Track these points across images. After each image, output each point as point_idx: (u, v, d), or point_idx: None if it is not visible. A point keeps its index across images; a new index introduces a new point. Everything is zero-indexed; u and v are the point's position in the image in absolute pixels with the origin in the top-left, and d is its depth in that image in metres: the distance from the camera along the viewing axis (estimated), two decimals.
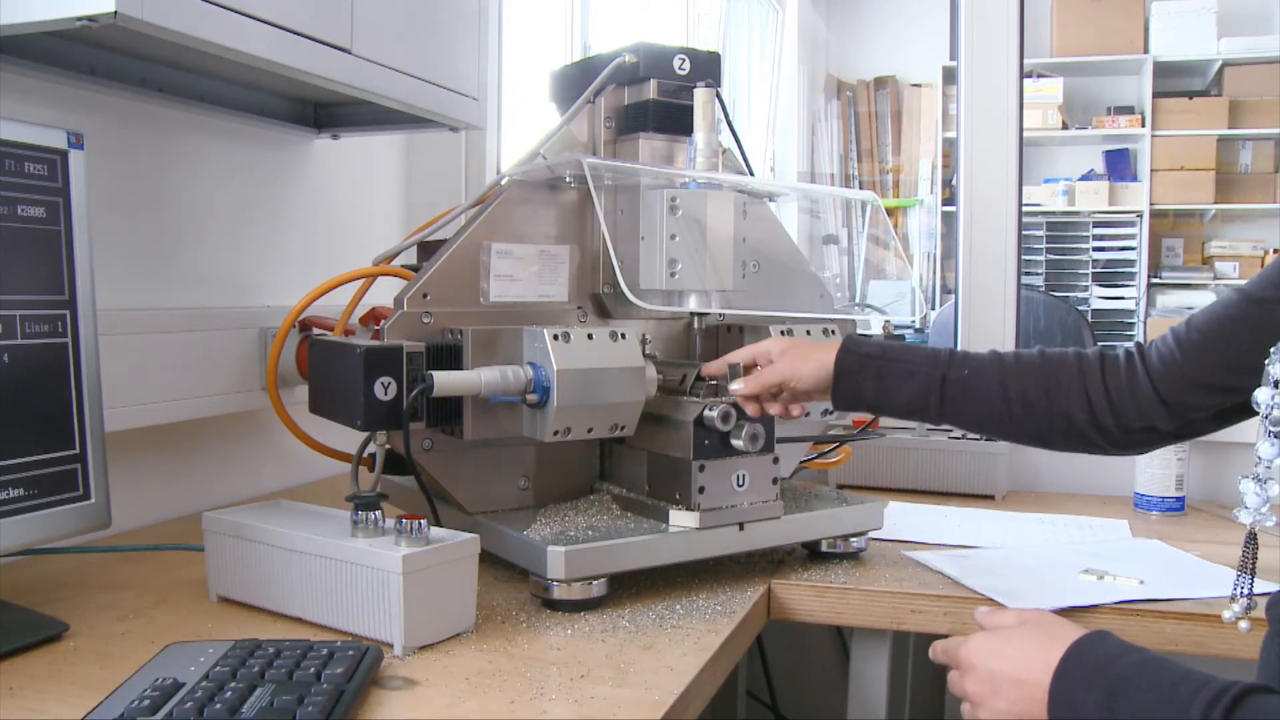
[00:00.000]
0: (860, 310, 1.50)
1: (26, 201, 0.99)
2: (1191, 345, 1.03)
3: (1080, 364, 1.09)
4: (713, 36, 3.80)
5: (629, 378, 1.11)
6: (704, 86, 1.24)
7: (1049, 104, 4.88)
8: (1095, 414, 1.07)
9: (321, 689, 0.79)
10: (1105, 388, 1.07)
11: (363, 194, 1.87)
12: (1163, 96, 4.81)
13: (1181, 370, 1.03)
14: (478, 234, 1.19)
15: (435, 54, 1.43)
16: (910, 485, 1.76)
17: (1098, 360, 1.09)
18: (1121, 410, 1.06)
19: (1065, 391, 1.08)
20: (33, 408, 0.99)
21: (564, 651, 0.96)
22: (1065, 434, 1.09)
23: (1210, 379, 1.01)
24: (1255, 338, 0.95)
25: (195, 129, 1.47)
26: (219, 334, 1.46)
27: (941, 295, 4.88)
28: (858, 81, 5.29)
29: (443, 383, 1.06)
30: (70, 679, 0.88)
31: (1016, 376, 1.10)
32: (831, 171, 5.24)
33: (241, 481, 1.58)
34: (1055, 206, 4.95)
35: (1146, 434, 1.07)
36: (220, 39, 1.06)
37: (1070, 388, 1.08)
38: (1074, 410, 1.07)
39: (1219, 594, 1.17)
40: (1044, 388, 1.08)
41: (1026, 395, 1.09)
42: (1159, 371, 1.05)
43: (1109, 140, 4.96)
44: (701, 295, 1.21)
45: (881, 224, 3.08)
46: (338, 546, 0.97)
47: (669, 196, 1.18)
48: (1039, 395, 1.08)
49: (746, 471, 1.15)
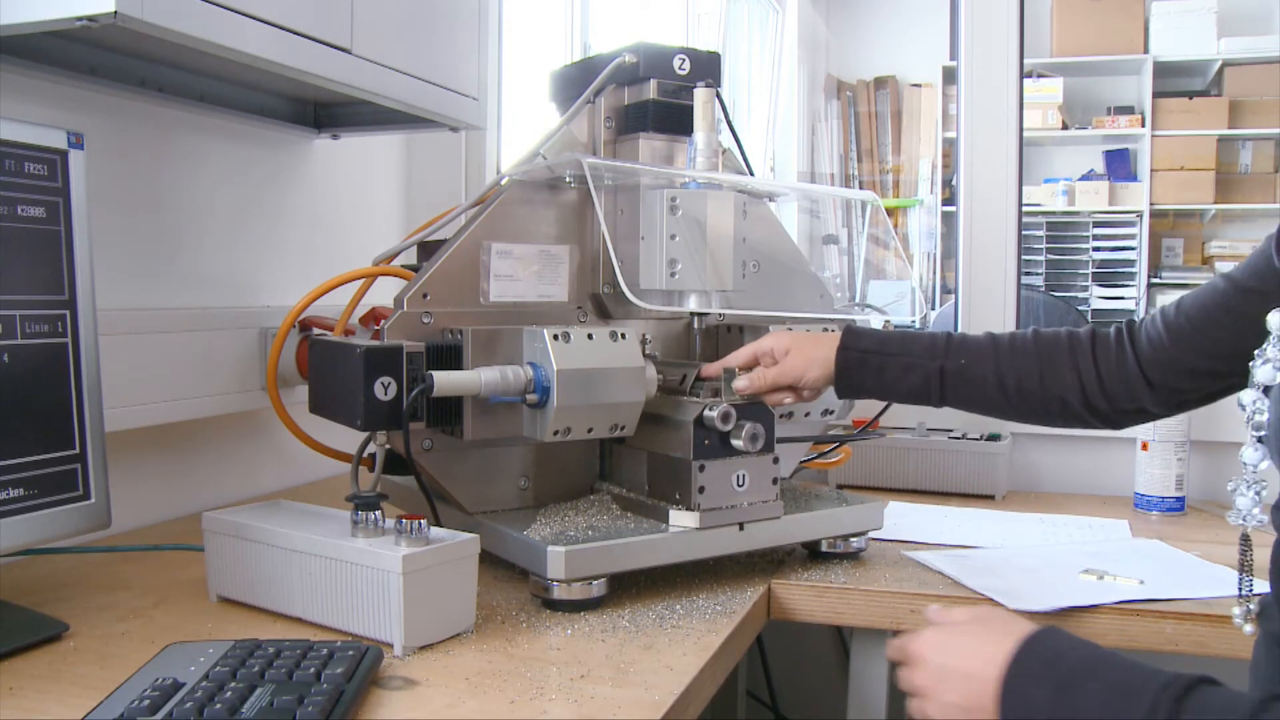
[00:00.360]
0: (860, 310, 1.50)
1: (26, 201, 0.99)
2: (1179, 331, 1.06)
3: (1073, 346, 1.12)
4: (713, 36, 3.80)
5: (629, 378, 1.11)
6: (704, 86, 1.24)
7: (1049, 104, 4.88)
8: (1088, 396, 1.11)
9: (321, 689, 0.79)
10: (1097, 371, 1.10)
11: (363, 194, 1.87)
12: (1163, 96, 4.81)
13: (1169, 354, 1.06)
14: (478, 234, 1.19)
15: (435, 54, 1.43)
16: (910, 485, 1.76)
17: (1089, 341, 1.12)
18: (1113, 394, 1.10)
19: (1059, 376, 1.11)
20: (33, 408, 0.99)
21: (564, 651, 0.96)
22: (1061, 415, 1.13)
23: (1196, 364, 1.04)
24: (1241, 326, 0.98)
25: (195, 129, 1.47)
26: (219, 334, 1.46)
27: (941, 295, 4.88)
28: (858, 81, 5.29)
29: (443, 383, 1.06)
30: (70, 679, 0.88)
31: (1011, 362, 1.13)
32: (831, 171, 5.24)
33: (241, 481, 1.58)
34: (1055, 206, 4.95)
35: (1138, 414, 1.11)
36: (220, 39, 1.06)
37: (1064, 372, 1.11)
38: (1068, 394, 1.11)
39: (1219, 594, 1.17)
40: (1038, 373, 1.12)
41: (1022, 381, 1.12)
42: (1147, 355, 1.08)
43: (1109, 140, 4.96)
44: (701, 295, 1.21)
45: (881, 224, 3.07)
46: (338, 546, 0.97)
47: (669, 196, 1.18)
48: (1033, 381, 1.12)
49: (746, 471, 1.15)
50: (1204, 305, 1.04)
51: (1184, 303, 1.06)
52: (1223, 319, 1.01)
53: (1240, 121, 4.72)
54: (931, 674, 0.81)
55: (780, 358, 1.18)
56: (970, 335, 1.17)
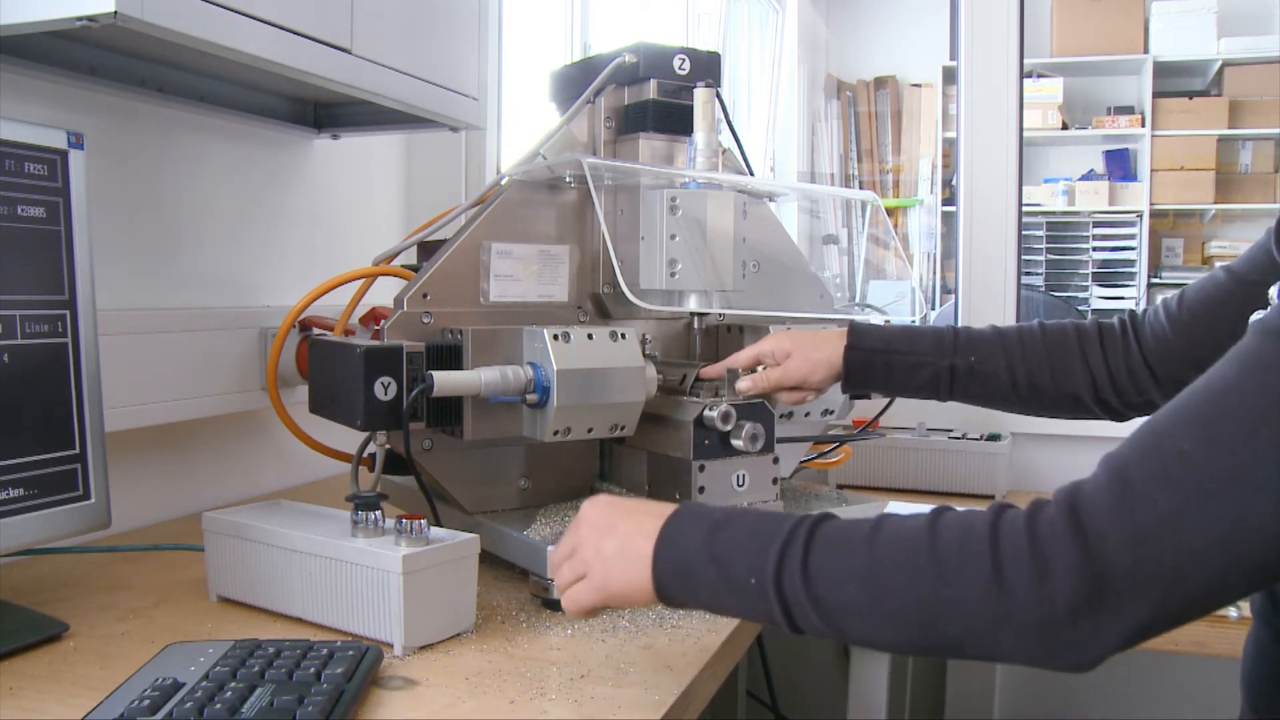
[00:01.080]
0: (860, 310, 1.50)
1: (26, 201, 0.99)
2: (1181, 324, 1.07)
3: (1081, 340, 1.13)
4: (713, 36, 3.79)
5: (629, 378, 1.11)
6: (704, 86, 1.24)
7: (1049, 104, 4.88)
8: (1098, 390, 1.12)
9: (321, 689, 0.79)
10: (1107, 365, 1.11)
11: (363, 194, 1.87)
12: (1163, 96, 4.81)
13: (1172, 346, 1.08)
14: (478, 234, 1.19)
15: (435, 54, 1.43)
16: (910, 485, 1.76)
17: (1095, 335, 1.13)
18: (1122, 387, 1.11)
19: (1069, 372, 1.12)
20: (33, 408, 0.99)
21: (564, 651, 0.96)
22: (1072, 410, 1.15)
23: (1199, 357, 1.05)
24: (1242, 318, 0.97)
25: (195, 129, 1.47)
26: (219, 334, 1.46)
27: (941, 295, 4.88)
28: (858, 81, 5.29)
29: (443, 383, 1.06)
30: (70, 679, 0.88)
31: (1021, 358, 1.14)
32: (831, 171, 5.24)
33: (241, 481, 1.58)
34: (1055, 206, 4.95)
35: (1146, 406, 1.12)
36: (220, 39, 1.06)
37: (1074, 367, 1.12)
38: (1080, 390, 1.12)
39: None
40: (1049, 370, 1.13)
41: (1033, 378, 1.13)
42: (1151, 348, 1.09)
43: (1109, 140, 4.96)
44: (702, 295, 1.21)
45: (881, 224, 3.07)
46: (338, 546, 0.97)
47: (669, 196, 1.18)
48: (1045, 379, 1.13)
49: (746, 471, 1.15)
50: (1205, 297, 1.05)
51: (1185, 295, 1.07)
52: (1222, 312, 1.02)
53: (1240, 121, 4.72)
54: (591, 553, 0.84)
55: (782, 359, 1.18)
56: (975, 330, 1.17)
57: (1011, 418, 1.86)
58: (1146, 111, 4.82)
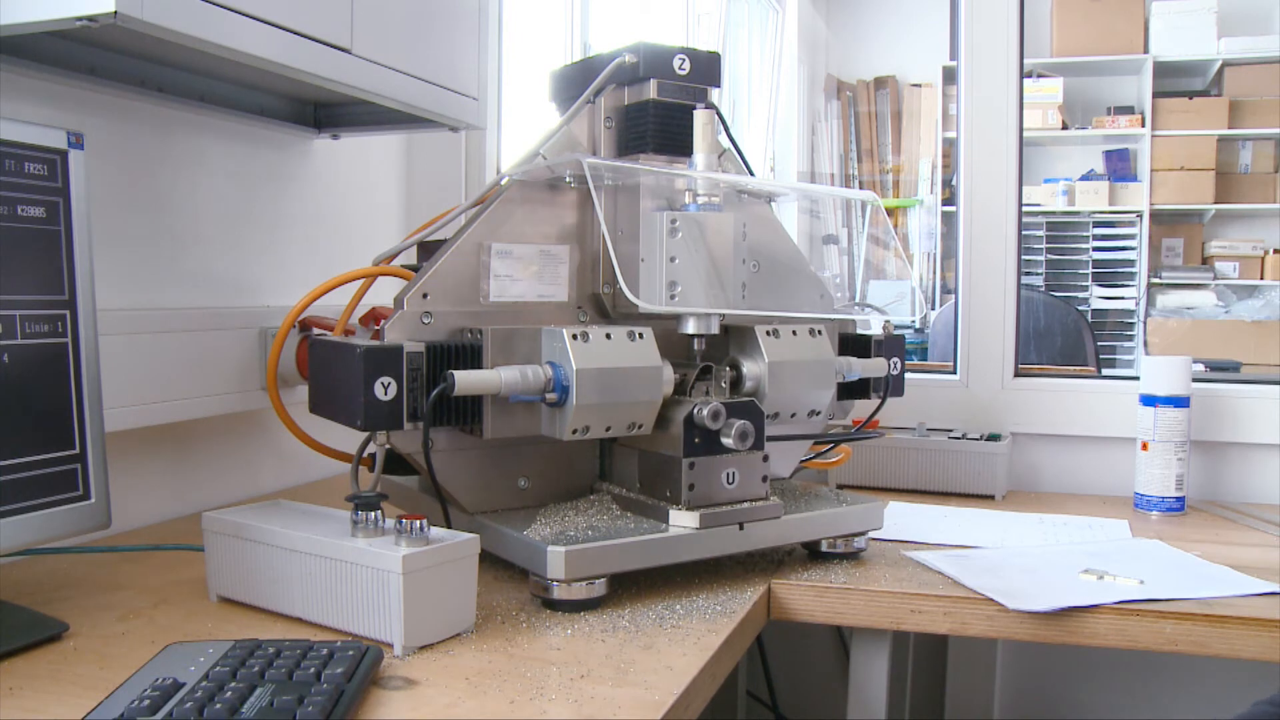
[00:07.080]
0: (860, 310, 1.50)
1: (26, 201, 0.99)
2: None
3: None
4: (713, 36, 3.80)
5: (647, 377, 1.12)
6: (703, 108, 1.23)
7: (1049, 104, 4.89)
8: None
9: (321, 689, 0.79)
10: None
11: (363, 194, 1.87)
12: (1163, 96, 4.82)
13: None
14: (478, 234, 1.19)
15: (435, 54, 1.43)
16: (910, 485, 1.76)
17: None
18: None
19: None
20: (33, 408, 0.99)
21: (564, 651, 0.96)
22: None
23: None
24: None
25: (195, 129, 1.47)
26: (219, 334, 1.46)
27: (941, 295, 4.88)
28: (858, 81, 5.29)
29: (464, 382, 1.07)
30: (70, 679, 0.88)
31: None
32: (831, 171, 5.24)
33: (241, 481, 1.58)
34: (1055, 206, 4.96)
35: None
36: (220, 39, 1.06)
37: None
38: None
39: (1219, 594, 1.17)
40: None
41: None
42: None
43: (1109, 140, 4.96)
44: (701, 319, 1.21)
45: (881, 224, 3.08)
46: (338, 546, 0.97)
47: (669, 219, 1.18)
48: None
49: (736, 469, 1.15)
50: None
51: None
52: None
53: (1240, 121, 4.73)
54: None
55: None
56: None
57: (1011, 418, 1.87)
58: (1146, 111, 4.82)
